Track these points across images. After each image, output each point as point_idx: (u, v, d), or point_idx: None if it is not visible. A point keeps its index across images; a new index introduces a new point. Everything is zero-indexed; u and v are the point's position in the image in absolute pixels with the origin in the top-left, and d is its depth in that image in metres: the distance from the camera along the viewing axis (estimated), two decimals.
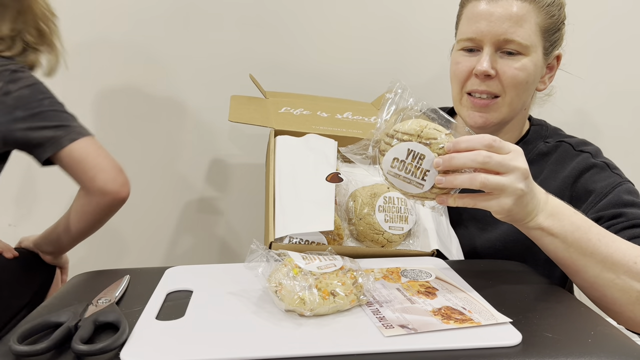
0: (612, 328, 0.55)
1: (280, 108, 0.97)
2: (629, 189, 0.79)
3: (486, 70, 0.81)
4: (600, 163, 0.82)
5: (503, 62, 0.82)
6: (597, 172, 0.81)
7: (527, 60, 0.82)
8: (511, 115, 0.87)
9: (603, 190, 0.79)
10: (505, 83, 0.82)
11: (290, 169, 0.80)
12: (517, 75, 0.82)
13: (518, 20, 0.80)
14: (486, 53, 0.82)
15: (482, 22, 0.81)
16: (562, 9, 0.84)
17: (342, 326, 0.54)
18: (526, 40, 0.80)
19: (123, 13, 1.17)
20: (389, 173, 0.62)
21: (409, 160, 0.60)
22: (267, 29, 1.21)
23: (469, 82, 0.85)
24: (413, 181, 0.61)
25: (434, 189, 0.60)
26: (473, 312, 0.56)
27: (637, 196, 0.79)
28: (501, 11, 0.80)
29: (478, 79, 0.83)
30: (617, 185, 0.79)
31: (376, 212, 0.77)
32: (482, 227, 0.86)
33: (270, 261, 0.61)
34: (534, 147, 0.89)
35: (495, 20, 0.80)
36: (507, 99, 0.84)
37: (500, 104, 0.84)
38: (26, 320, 0.59)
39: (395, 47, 1.24)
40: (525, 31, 0.80)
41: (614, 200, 0.77)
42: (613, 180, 0.79)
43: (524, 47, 0.81)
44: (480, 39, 0.82)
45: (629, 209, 0.75)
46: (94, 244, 1.27)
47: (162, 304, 0.60)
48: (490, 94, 0.84)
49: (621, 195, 0.77)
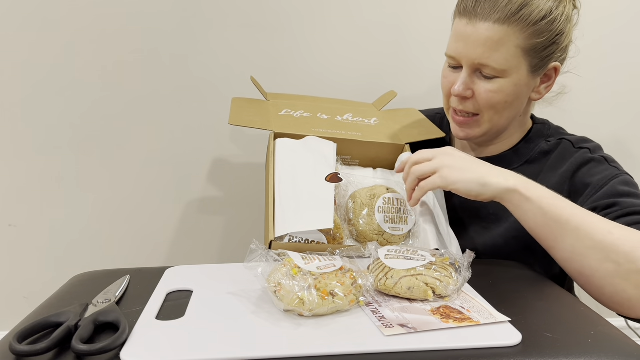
0: (612, 328, 0.55)
1: (280, 110, 0.98)
2: (626, 180, 0.79)
3: (460, 93, 0.82)
4: (598, 157, 0.83)
5: (479, 84, 0.81)
6: (595, 166, 0.81)
7: (505, 82, 0.80)
8: (497, 128, 0.87)
9: (599, 182, 0.79)
10: (481, 104, 0.83)
11: (290, 170, 0.80)
12: (492, 98, 0.81)
13: (493, 45, 0.78)
14: (463, 74, 0.82)
15: (460, 44, 0.81)
16: (555, 23, 0.79)
17: (341, 326, 0.54)
18: (502, 65, 0.79)
19: (124, 13, 1.17)
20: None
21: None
22: (269, 30, 1.21)
23: (452, 100, 0.86)
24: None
25: None
26: (472, 312, 0.56)
27: (634, 187, 0.78)
28: (477, 35, 0.78)
29: (457, 100, 0.85)
30: (613, 177, 0.79)
31: (376, 212, 0.77)
32: (485, 225, 0.86)
33: (270, 261, 0.61)
34: (535, 146, 0.89)
35: (471, 44, 0.79)
36: (486, 117, 0.84)
37: (480, 121, 0.85)
38: (26, 320, 0.59)
39: (395, 48, 1.24)
40: (501, 55, 0.78)
41: (609, 191, 0.77)
42: (610, 173, 0.79)
43: (499, 71, 0.79)
44: (459, 59, 0.82)
45: (624, 199, 0.75)
46: (94, 243, 1.27)
47: (162, 304, 0.60)
48: (468, 112, 0.85)
49: (616, 187, 0.77)
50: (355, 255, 0.67)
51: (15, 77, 1.18)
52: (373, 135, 0.93)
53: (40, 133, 1.21)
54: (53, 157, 1.22)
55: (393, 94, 1.11)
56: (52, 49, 1.17)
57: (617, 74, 1.28)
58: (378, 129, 0.96)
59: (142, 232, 1.28)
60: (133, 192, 1.26)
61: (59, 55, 1.18)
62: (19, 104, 1.19)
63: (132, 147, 1.24)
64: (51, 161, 1.22)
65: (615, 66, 1.27)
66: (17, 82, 1.19)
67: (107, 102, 1.21)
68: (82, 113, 1.21)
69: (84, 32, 1.17)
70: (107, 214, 1.26)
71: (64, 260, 1.27)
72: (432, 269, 0.61)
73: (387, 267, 0.61)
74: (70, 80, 1.20)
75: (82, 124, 1.22)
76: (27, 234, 1.26)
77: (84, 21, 1.17)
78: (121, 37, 1.18)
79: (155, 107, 1.23)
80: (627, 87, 1.29)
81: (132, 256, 1.28)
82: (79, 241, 1.27)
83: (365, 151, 0.92)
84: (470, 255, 0.63)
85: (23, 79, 1.19)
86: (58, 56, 1.18)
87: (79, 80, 1.19)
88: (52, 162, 1.22)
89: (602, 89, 1.28)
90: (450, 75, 0.85)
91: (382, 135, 0.93)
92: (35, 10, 1.16)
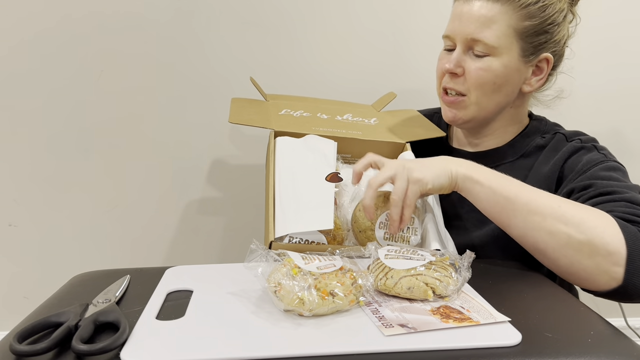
0: (612, 328, 0.55)
1: (280, 110, 0.98)
2: (611, 166, 0.79)
3: (450, 68, 0.85)
4: (589, 145, 0.84)
5: (470, 62, 0.84)
6: (584, 153, 0.83)
7: (495, 61, 0.82)
8: (485, 113, 0.88)
9: (583, 167, 0.80)
10: (469, 82, 0.85)
11: (290, 169, 0.80)
12: (480, 76, 0.83)
13: (486, 21, 0.81)
14: (456, 51, 0.84)
15: (456, 22, 0.84)
16: (548, 10, 0.81)
17: (341, 326, 0.54)
18: (493, 41, 0.81)
19: (124, 14, 1.17)
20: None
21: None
22: (269, 31, 1.21)
23: (444, 79, 0.88)
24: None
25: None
26: (472, 312, 0.56)
27: (617, 172, 0.78)
28: (471, 12, 0.82)
29: (448, 77, 0.87)
30: (598, 162, 0.79)
31: (377, 228, 0.76)
32: (481, 218, 0.87)
33: (270, 261, 0.61)
34: (531, 141, 0.90)
35: (465, 20, 0.82)
36: (472, 98, 0.86)
37: (466, 103, 0.87)
38: (26, 320, 0.59)
39: (395, 48, 1.24)
40: (493, 32, 0.81)
41: (590, 174, 0.78)
42: (596, 158, 0.80)
43: (490, 47, 0.81)
44: (453, 37, 0.85)
45: (601, 181, 0.75)
46: (94, 243, 1.27)
47: (162, 304, 0.60)
48: (457, 91, 0.87)
49: (598, 171, 0.78)
50: (355, 255, 0.67)
51: (15, 77, 1.18)
52: (373, 134, 0.93)
53: (40, 133, 1.21)
54: (53, 157, 1.22)
55: (392, 95, 1.11)
56: (52, 49, 1.18)
57: (615, 74, 1.28)
58: (378, 128, 0.96)
59: (142, 232, 1.28)
60: (133, 192, 1.26)
61: (59, 56, 1.18)
62: (19, 104, 1.20)
63: (132, 147, 1.24)
64: (51, 161, 1.22)
65: (611, 67, 1.27)
66: (17, 82, 1.19)
67: (107, 102, 1.21)
68: (82, 114, 1.21)
69: (84, 33, 1.17)
70: (107, 214, 1.26)
71: (64, 260, 1.27)
72: (432, 269, 0.61)
73: (387, 267, 0.61)
74: (69, 81, 1.20)
75: (82, 124, 1.22)
76: (27, 234, 1.26)
77: (84, 22, 1.17)
78: (121, 38, 1.18)
79: (155, 107, 1.23)
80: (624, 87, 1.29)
81: (132, 256, 1.29)
82: (79, 241, 1.27)
83: (366, 150, 0.92)
84: (470, 255, 0.63)
85: (23, 79, 1.19)
86: (58, 57, 1.18)
87: (79, 81, 1.20)
88: (52, 162, 1.23)
89: (600, 89, 1.28)
90: (444, 58, 0.88)
91: (382, 134, 0.93)
92: (35, 10, 1.16)
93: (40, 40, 1.17)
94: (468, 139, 0.96)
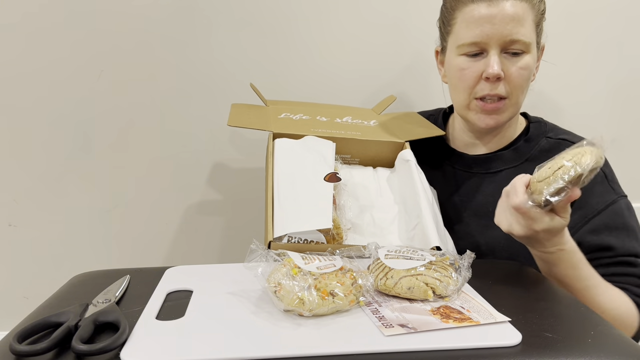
0: (612, 328, 0.55)
1: (280, 114, 0.98)
2: (619, 210, 0.83)
3: (498, 72, 0.81)
4: (600, 173, 0.83)
5: (509, 62, 0.83)
6: (593, 184, 0.81)
7: (529, 58, 0.83)
8: (515, 112, 0.88)
9: (597, 205, 0.83)
10: (512, 84, 0.83)
11: (289, 170, 0.80)
12: (522, 75, 0.83)
13: (520, 19, 0.81)
14: (494, 55, 0.82)
15: (486, 26, 0.81)
16: (542, 0, 0.86)
17: (341, 326, 0.54)
18: (528, 38, 0.82)
19: (124, 15, 1.17)
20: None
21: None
22: (271, 34, 1.21)
23: (479, 87, 0.84)
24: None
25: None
26: (472, 312, 0.56)
27: (628, 217, 0.83)
28: (504, 13, 0.80)
29: (488, 83, 0.83)
30: (610, 203, 0.83)
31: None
32: (484, 223, 0.87)
33: (270, 261, 0.61)
34: (536, 144, 0.90)
35: (499, 22, 0.80)
36: (514, 99, 0.85)
37: (507, 105, 0.85)
38: (26, 320, 0.59)
39: (395, 50, 1.24)
40: (527, 29, 0.82)
41: (606, 220, 0.82)
42: (608, 199, 0.83)
43: (527, 45, 0.82)
44: (485, 42, 0.82)
45: (617, 242, 0.81)
46: (94, 243, 1.27)
47: (162, 304, 0.60)
48: (499, 96, 0.84)
49: (609, 220, 0.82)
50: (355, 255, 0.67)
51: (14, 77, 1.18)
52: (372, 135, 0.93)
53: (40, 133, 1.21)
54: (53, 157, 1.22)
55: (392, 98, 1.11)
56: (52, 50, 1.17)
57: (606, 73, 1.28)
58: (377, 129, 0.96)
59: (142, 232, 1.28)
60: (133, 191, 1.26)
61: (59, 57, 1.18)
62: (19, 104, 1.19)
63: (133, 146, 1.24)
64: (51, 161, 1.22)
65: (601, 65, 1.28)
66: (17, 82, 1.18)
67: (107, 103, 1.21)
68: (82, 114, 1.21)
69: (84, 34, 1.17)
70: (107, 214, 1.26)
71: (64, 260, 1.27)
72: (432, 269, 0.61)
73: (387, 267, 0.61)
74: (70, 82, 1.19)
75: (83, 125, 1.22)
76: (27, 234, 1.26)
77: (84, 22, 1.17)
78: (121, 39, 1.18)
79: (155, 107, 1.22)
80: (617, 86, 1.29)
81: (132, 256, 1.28)
82: (79, 241, 1.27)
83: (365, 150, 0.92)
84: (470, 255, 0.63)
85: (23, 79, 1.18)
86: (58, 58, 1.18)
87: (79, 82, 1.19)
88: (52, 162, 1.22)
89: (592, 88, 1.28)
90: (472, 66, 0.84)
91: (381, 134, 0.93)
92: (35, 10, 1.16)
93: (40, 40, 1.17)
94: (472, 140, 0.94)
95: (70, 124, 1.21)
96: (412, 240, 0.78)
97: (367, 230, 0.81)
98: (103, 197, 1.25)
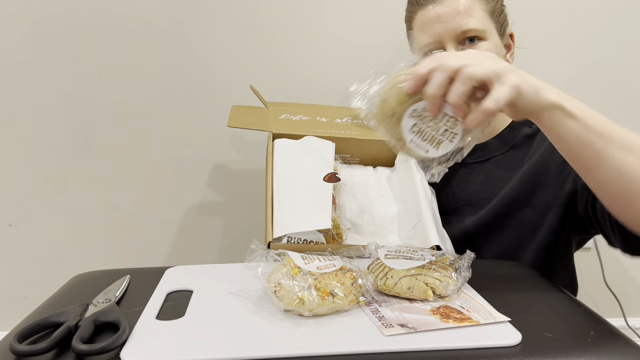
0: (612, 328, 0.55)
1: (279, 115, 0.98)
2: None
3: None
4: None
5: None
6: None
7: (487, 44, 0.85)
8: None
9: None
10: None
11: (288, 170, 0.80)
12: None
13: (465, 11, 0.84)
14: (450, 49, 0.85)
15: (436, 25, 0.85)
16: None
17: (341, 326, 0.54)
18: (481, 24, 0.85)
19: (124, 15, 1.17)
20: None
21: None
22: (270, 38, 1.21)
23: None
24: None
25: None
26: (472, 312, 0.56)
27: None
28: (448, 10, 0.84)
29: None
30: None
31: (406, 115, 0.60)
32: (473, 210, 0.88)
33: (270, 261, 0.61)
34: (519, 132, 0.92)
35: (446, 19, 0.84)
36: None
37: None
38: (26, 320, 0.59)
39: (395, 51, 1.23)
40: (477, 19, 0.85)
41: None
42: None
43: (480, 31, 0.85)
44: (439, 40, 0.85)
45: None
46: (94, 243, 1.27)
47: (162, 304, 0.60)
48: None
49: None
50: (355, 255, 0.67)
51: (15, 78, 1.18)
52: (372, 134, 0.93)
53: (41, 133, 1.21)
54: (53, 157, 1.22)
55: None
56: (53, 50, 1.18)
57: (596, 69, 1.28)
58: None
59: (142, 232, 1.28)
60: (133, 191, 1.26)
61: (59, 58, 1.18)
62: (19, 104, 1.20)
63: (133, 147, 1.24)
64: (51, 161, 1.22)
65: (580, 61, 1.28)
66: (17, 83, 1.19)
67: (107, 104, 1.21)
68: (82, 115, 1.21)
69: (84, 35, 1.18)
70: (107, 214, 1.26)
71: (64, 260, 1.27)
72: (432, 269, 0.61)
73: (387, 267, 0.61)
74: (70, 82, 1.20)
75: (83, 125, 1.22)
76: (27, 234, 1.26)
77: (84, 23, 1.17)
78: (122, 40, 1.18)
79: (155, 108, 1.23)
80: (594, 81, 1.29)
81: (132, 256, 1.28)
82: (79, 241, 1.27)
83: (365, 149, 0.92)
84: (470, 255, 0.63)
85: (23, 79, 1.19)
86: (58, 58, 1.18)
87: (80, 82, 1.20)
88: (52, 162, 1.23)
89: None
90: None
91: None
92: (35, 10, 1.16)
93: (40, 40, 1.17)
94: None
95: (70, 124, 1.21)
96: (412, 240, 0.78)
97: (367, 229, 0.81)
98: (103, 197, 1.25)
